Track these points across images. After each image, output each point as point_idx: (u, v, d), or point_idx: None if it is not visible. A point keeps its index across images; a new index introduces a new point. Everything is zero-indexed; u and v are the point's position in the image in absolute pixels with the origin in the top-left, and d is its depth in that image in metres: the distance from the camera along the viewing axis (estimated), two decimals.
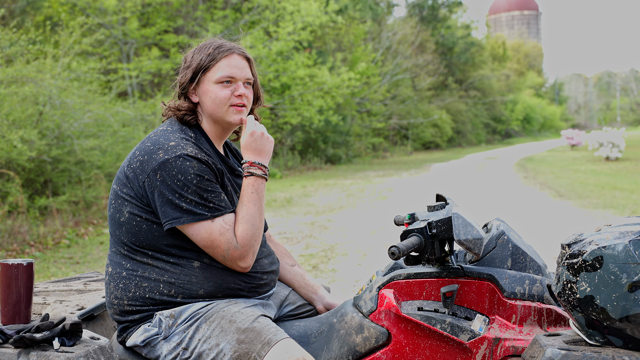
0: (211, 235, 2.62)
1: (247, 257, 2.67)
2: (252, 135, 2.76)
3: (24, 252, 9.48)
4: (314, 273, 8.09)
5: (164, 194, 2.61)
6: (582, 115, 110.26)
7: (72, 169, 12.80)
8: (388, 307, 2.64)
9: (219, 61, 2.78)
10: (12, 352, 2.39)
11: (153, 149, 2.66)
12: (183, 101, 2.84)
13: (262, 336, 2.57)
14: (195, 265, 2.68)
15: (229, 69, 2.78)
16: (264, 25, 22.81)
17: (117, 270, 2.73)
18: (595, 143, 28.79)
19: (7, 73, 10.96)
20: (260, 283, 2.82)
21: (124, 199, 2.70)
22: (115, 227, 2.74)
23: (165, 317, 2.66)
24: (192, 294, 2.68)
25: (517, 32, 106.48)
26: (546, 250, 8.35)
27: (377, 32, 38.70)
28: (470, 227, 2.52)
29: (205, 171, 2.64)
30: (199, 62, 2.78)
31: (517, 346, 2.53)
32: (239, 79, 2.80)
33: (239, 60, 2.82)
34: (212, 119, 2.83)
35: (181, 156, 2.62)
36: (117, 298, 2.72)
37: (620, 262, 2.18)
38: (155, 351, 2.69)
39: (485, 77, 54.28)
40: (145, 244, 2.68)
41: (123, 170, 2.73)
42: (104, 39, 19.87)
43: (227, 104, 2.78)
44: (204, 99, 2.80)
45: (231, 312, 2.65)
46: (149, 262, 2.68)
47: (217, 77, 2.77)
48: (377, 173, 24.71)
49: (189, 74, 2.80)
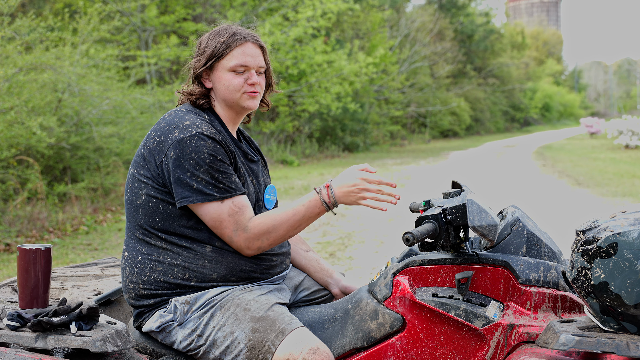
0: (220, 216, 2.64)
1: (251, 246, 2.68)
2: (353, 174, 2.72)
3: (42, 239, 9.54)
4: (331, 260, 8.11)
5: (176, 173, 2.62)
6: (601, 103, 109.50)
7: (90, 155, 12.85)
8: (403, 294, 2.64)
9: (233, 49, 2.79)
10: (30, 336, 2.41)
11: (169, 129, 2.68)
12: (196, 86, 2.86)
13: (276, 325, 2.58)
14: (207, 250, 2.69)
15: (243, 57, 2.79)
16: (283, 12, 22.76)
17: (132, 254, 2.75)
18: (614, 131, 28.66)
19: (27, 60, 10.99)
20: (272, 264, 2.83)
21: (140, 181, 2.72)
22: (132, 210, 2.76)
23: (180, 303, 2.68)
24: (206, 278, 2.69)
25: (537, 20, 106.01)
26: (563, 238, 8.33)
27: (395, 19, 38.55)
28: (485, 213, 2.52)
29: (219, 151, 2.66)
30: (213, 48, 2.80)
31: (531, 332, 2.53)
32: (252, 67, 2.81)
33: (253, 48, 2.83)
34: (226, 104, 2.84)
35: (196, 135, 2.64)
36: (132, 282, 2.74)
37: (635, 248, 2.18)
38: (170, 337, 2.71)
39: (504, 64, 53.99)
40: (161, 226, 2.70)
41: (140, 153, 2.75)
42: (123, 26, 19.91)
43: (241, 91, 2.80)
44: (218, 85, 2.82)
45: (246, 300, 2.66)
46: (163, 246, 2.70)
47: (231, 65, 2.78)
48: (394, 161, 24.66)
49: (203, 59, 2.81)
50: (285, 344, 2.53)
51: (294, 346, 2.52)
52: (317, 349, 2.53)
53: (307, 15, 22.12)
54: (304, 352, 2.51)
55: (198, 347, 2.67)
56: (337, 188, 2.70)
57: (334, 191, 2.70)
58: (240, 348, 2.58)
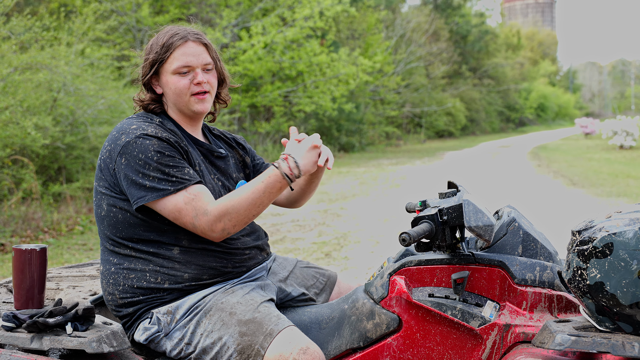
0: (177, 206, 2.59)
1: (215, 228, 2.60)
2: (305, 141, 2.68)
3: (37, 239, 9.53)
4: (327, 261, 8.11)
5: (128, 176, 2.60)
6: (596, 103, 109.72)
7: (85, 155, 12.83)
8: (399, 294, 2.65)
9: (173, 51, 2.75)
10: (25, 337, 2.41)
11: (117, 135, 2.67)
12: (146, 92, 2.84)
13: (263, 327, 2.56)
14: (175, 253, 2.68)
15: (184, 57, 2.75)
16: (278, 12, 22.74)
17: (106, 267, 2.75)
18: (609, 131, 28.71)
19: (22, 59, 10.97)
20: (244, 257, 2.81)
21: (102, 193, 2.71)
22: (99, 223, 2.76)
23: (162, 314, 2.67)
24: (178, 279, 2.68)
25: (532, 20, 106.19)
26: (558, 238, 8.34)
27: (391, 20, 38.57)
28: (481, 213, 2.52)
29: (165, 148, 2.63)
30: (155, 53, 2.76)
31: (527, 332, 2.53)
32: (196, 66, 2.77)
33: (195, 46, 2.78)
34: (177, 108, 2.83)
35: (140, 136, 2.62)
36: (110, 294, 2.74)
37: (631, 248, 2.18)
38: (160, 347, 2.71)
39: (499, 65, 54.07)
40: (125, 235, 2.69)
41: (98, 164, 2.74)
42: (118, 26, 19.88)
43: (188, 93, 2.77)
44: (166, 89, 2.80)
45: (230, 304, 2.65)
46: (132, 255, 2.69)
47: (173, 68, 2.75)
48: (390, 161, 24.68)
49: (147, 66, 2.79)
50: (275, 346, 2.52)
51: (284, 347, 2.51)
52: (307, 349, 2.51)
53: (304, 14, 22.08)
54: (294, 353, 2.49)
55: (188, 354, 2.66)
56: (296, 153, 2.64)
57: (295, 159, 2.62)
58: (230, 353, 2.56)
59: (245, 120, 24.74)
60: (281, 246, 8.98)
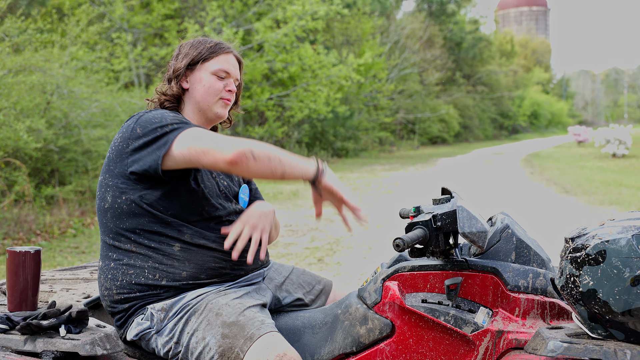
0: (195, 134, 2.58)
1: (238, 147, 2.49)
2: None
3: (30, 241, 9.51)
4: (319, 266, 8.11)
5: (146, 137, 2.62)
6: (589, 111, 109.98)
7: (78, 158, 12.81)
8: (392, 299, 2.65)
9: (219, 55, 2.89)
10: (18, 339, 2.41)
11: (129, 123, 2.71)
12: (172, 86, 2.88)
13: (245, 331, 2.56)
14: (175, 250, 2.69)
15: (227, 64, 2.90)
16: (272, 16, 22.75)
17: (105, 262, 2.76)
18: (602, 140, 28.78)
19: (15, 62, 10.97)
20: (243, 261, 2.82)
21: (107, 184, 2.72)
22: (102, 216, 2.76)
23: (157, 310, 2.67)
24: (176, 277, 2.68)
25: (525, 28, 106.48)
26: (551, 245, 8.35)
27: (385, 26, 38.64)
28: (475, 220, 2.53)
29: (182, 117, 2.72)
30: (199, 51, 2.88)
31: (520, 339, 2.53)
32: (232, 76, 2.92)
33: (234, 60, 2.95)
34: (198, 108, 2.88)
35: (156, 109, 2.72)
36: (107, 289, 2.74)
37: (623, 256, 2.19)
38: (150, 345, 2.71)
39: (493, 72, 54.22)
40: (129, 226, 2.69)
41: (107, 157, 2.76)
42: (107, 30, 19.88)
43: (219, 95, 2.88)
44: (197, 86, 2.86)
45: (219, 305, 2.65)
46: (133, 249, 2.69)
47: (215, 69, 2.87)
48: (383, 167, 24.70)
49: (186, 60, 2.87)
50: (254, 350, 2.51)
51: (262, 352, 2.50)
52: (284, 355, 2.50)
53: (297, 12, 22.06)
54: (271, 358, 2.48)
55: (176, 353, 2.66)
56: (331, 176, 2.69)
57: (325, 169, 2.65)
58: (212, 354, 2.56)
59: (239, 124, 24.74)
60: (274, 251, 8.98)
